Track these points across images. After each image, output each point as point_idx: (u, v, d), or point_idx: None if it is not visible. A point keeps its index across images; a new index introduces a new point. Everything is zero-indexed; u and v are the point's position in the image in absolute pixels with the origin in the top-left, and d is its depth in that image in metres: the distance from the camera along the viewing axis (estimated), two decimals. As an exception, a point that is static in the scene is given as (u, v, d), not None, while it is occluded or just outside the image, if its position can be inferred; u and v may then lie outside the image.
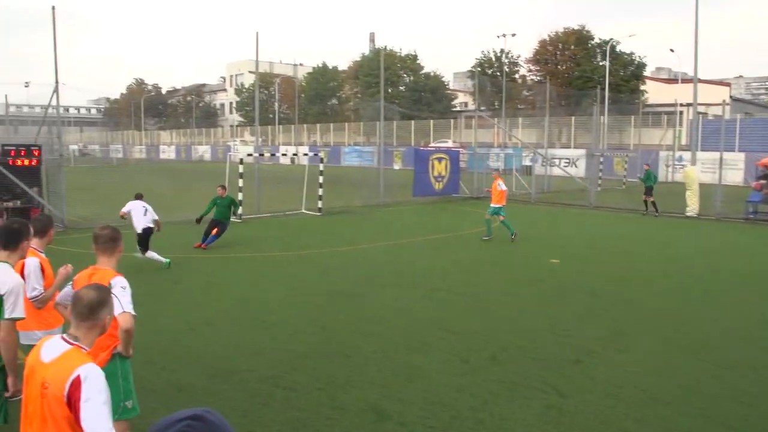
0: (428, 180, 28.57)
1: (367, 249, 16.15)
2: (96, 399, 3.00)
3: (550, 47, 65.97)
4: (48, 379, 3.09)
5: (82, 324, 3.29)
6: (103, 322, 3.37)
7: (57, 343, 3.25)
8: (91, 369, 3.08)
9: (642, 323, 9.61)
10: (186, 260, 14.63)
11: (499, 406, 6.54)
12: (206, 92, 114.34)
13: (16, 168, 18.15)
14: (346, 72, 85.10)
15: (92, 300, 3.30)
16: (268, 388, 6.97)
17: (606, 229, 20.16)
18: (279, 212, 23.11)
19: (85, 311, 3.28)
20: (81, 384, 3.00)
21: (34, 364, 3.24)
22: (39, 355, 3.23)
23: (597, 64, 62.76)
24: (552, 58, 65.97)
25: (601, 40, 63.67)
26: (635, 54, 63.14)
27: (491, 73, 67.14)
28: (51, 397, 3.06)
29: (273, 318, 9.74)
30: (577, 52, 63.52)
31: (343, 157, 65.53)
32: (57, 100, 19.84)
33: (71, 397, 3.00)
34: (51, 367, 3.13)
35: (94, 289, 3.40)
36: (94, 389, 3.01)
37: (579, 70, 62.72)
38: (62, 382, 3.03)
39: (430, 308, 10.41)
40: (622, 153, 42.77)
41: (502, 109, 51.65)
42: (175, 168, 61.23)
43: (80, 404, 2.97)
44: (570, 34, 64.47)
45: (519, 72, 71.09)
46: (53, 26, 19.27)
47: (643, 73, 64.34)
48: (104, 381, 3.09)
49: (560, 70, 64.70)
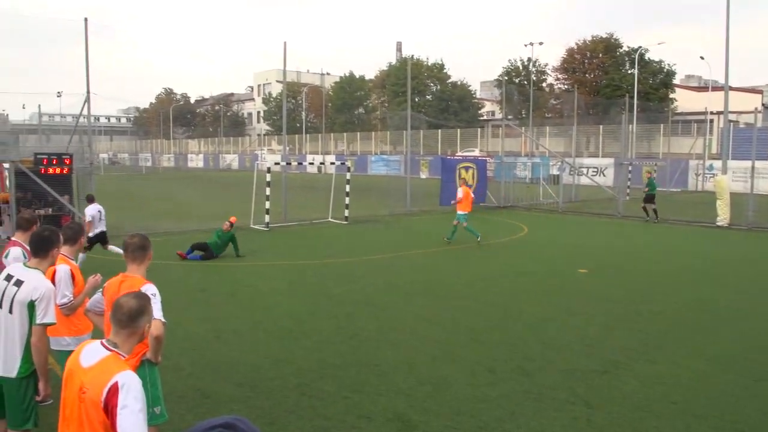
0: (455, 189, 28.45)
1: (393, 258, 16.15)
2: (133, 407, 3.03)
3: (577, 56, 65.63)
4: (86, 383, 3.14)
5: (121, 331, 3.33)
6: (142, 330, 3.41)
7: (96, 348, 3.30)
8: (129, 376, 3.13)
9: (671, 334, 9.48)
10: (213, 267, 14.75)
11: (526, 417, 6.49)
12: (234, 101, 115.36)
13: (48, 176, 18.43)
14: (373, 81, 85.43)
15: (132, 308, 3.34)
16: (295, 396, 6.99)
17: (635, 239, 19.95)
18: (306, 220, 23.21)
19: (125, 319, 3.32)
20: (119, 391, 3.04)
21: (73, 368, 3.29)
22: (78, 360, 3.28)
23: (625, 72, 62.32)
24: (580, 67, 65.60)
25: (630, 48, 63.20)
26: (665, 62, 62.63)
27: (518, 81, 66.96)
28: (89, 401, 3.10)
29: (300, 326, 9.77)
30: (606, 61, 63.10)
31: (370, 165, 65.71)
32: (88, 110, 20.14)
33: (108, 403, 3.04)
34: (90, 372, 3.18)
35: (134, 297, 3.43)
36: (131, 397, 3.05)
37: (607, 78, 62.29)
38: (100, 387, 3.08)
39: (456, 318, 10.38)
40: (651, 162, 42.33)
41: (529, 117, 51.46)
42: (203, 176, 61.82)
43: (117, 411, 3.01)
44: (598, 42, 64.08)
45: (546, 81, 70.87)
46: (86, 38, 19.60)
47: (672, 81, 63.72)
48: (141, 389, 3.13)
49: (588, 79, 64.32)
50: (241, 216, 22.34)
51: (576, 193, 32.82)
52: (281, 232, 20.82)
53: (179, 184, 47.80)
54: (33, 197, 18.74)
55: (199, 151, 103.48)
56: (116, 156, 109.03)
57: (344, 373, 7.69)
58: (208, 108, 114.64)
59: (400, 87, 70.94)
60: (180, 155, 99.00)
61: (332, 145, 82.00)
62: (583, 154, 52.62)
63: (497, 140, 56.64)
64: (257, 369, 7.82)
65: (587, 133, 57.16)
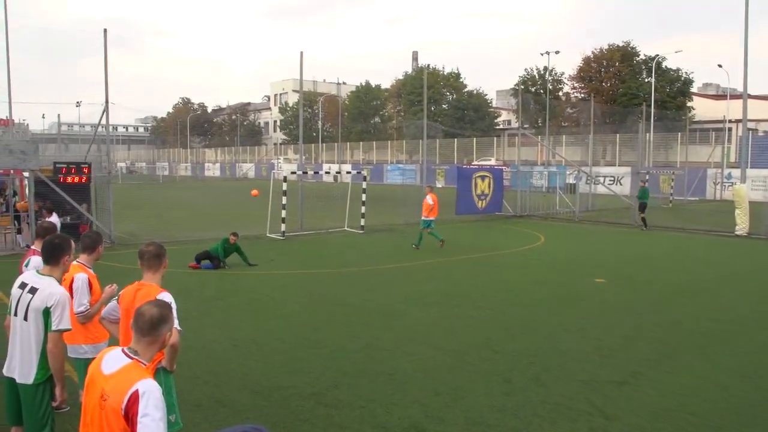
0: (471, 198, 28.49)
1: (409, 267, 16.13)
2: (153, 415, 3.06)
3: (594, 64, 65.45)
4: (107, 390, 3.17)
5: (142, 339, 3.35)
6: (163, 338, 3.42)
7: (118, 355, 3.32)
8: (150, 384, 3.15)
9: (690, 345, 9.39)
10: (228, 276, 14.80)
11: (543, 427, 6.45)
12: (251, 111, 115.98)
13: (67, 185, 18.63)
14: (389, 90, 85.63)
15: (154, 316, 3.35)
16: (311, 405, 6.98)
17: (652, 248, 19.80)
18: (322, 229, 23.25)
19: (146, 327, 3.33)
20: (139, 399, 3.06)
21: (95, 375, 3.32)
22: (100, 366, 3.31)
23: (642, 80, 62.08)
24: (596, 76, 65.42)
25: (647, 57, 62.97)
26: (682, 70, 62.35)
27: (534, 90, 66.88)
28: (109, 408, 3.13)
29: (316, 335, 9.77)
30: (622, 69, 62.88)
31: (386, 174, 65.83)
32: (107, 119, 20.32)
33: (129, 410, 3.07)
34: (111, 379, 3.21)
35: (156, 305, 3.44)
36: (151, 405, 3.07)
37: (624, 87, 62.06)
38: (121, 395, 3.10)
39: (472, 327, 10.34)
40: (668, 171, 42.08)
41: (545, 126, 51.40)
42: (220, 185, 62.14)
43: (137, 419, 3.03)
44: (615, 50, 63.89)
45: (563, 89, 70.74)
46: (104, 48, 19.79)
47: (690, 90, 63.40)
48: (162, 397, 3.15)
49: (605, 88, 64.10)
50: (257, 225, 22.46)
51: (592, 202, 32.66)
52: (297, 241, 20.87)
53: (196, 193, 48.08)
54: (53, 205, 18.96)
55: (215, 160, 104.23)
56: (134, 165, 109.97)
57: (359, 382, 7.67)
58: (225, 117, 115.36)
59: (416, 96, 71.08)
60: (197, 164, 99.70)
61: (348, 154, 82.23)
62: (600, 163, 52.35)
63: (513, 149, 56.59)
64: (273, 378, 7.83)
65: (604, 142, 56.94)
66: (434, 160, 60.75)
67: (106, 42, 19.73)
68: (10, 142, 18.11)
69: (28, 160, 17.13)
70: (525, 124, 65.04)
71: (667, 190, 38.73)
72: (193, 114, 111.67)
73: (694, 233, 23.58)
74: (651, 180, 35.28)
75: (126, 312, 4.79)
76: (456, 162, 59.57)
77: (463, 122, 70.52)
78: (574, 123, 65.51)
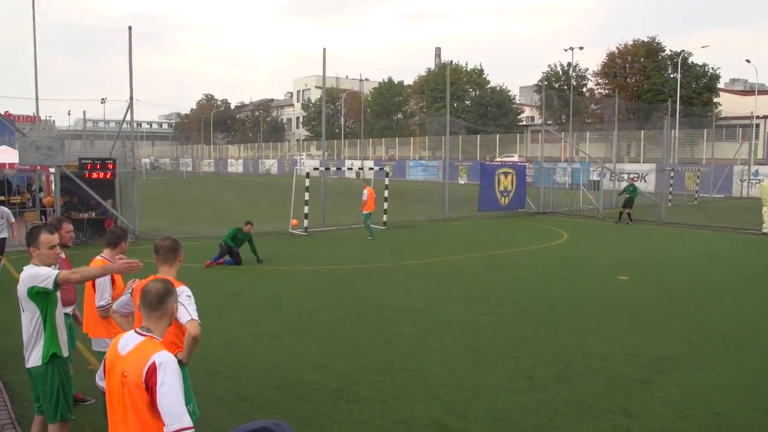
0: (494, 195, 28.38)
1: (431, 263, 16.12)
2: (170, 383, 3.26)
3: (618, 60, 64.79)
4: (126, 368, 3.35)
5: (152, 315, 3.57)
6: (171, 310, 3.66)
7: (131, 336, 3.53)
8: (165, 355, 3.34)
9: (716, 344, 9.28)
10: (250, 271, 14.87)
11: (565, 425, 6.41)
12: (273, 107, 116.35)
13: (92, 181, 18.82)
14: (411, 87, 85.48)
15: (160, 290, 3.59)
16: (332, 400, 7.01)
17: (677, 246, 19.61)
18: (344, 225, 23.30)
19: (155, 301, 3.55)
20: (157, 370, 3.26)
21: (113, 358, 3.50)
22: (116, 349, 3.50)
23: (668, 76, 61.33)
24: (621, 71, 64.75)
25: (672, 52, 62.18)
26: (708, 65, 61.46)
27: (558, 87, 66.38)
28: (131, 384, 3.31)
29: (338, 331, 9.80)
30: (647, 65, 62.16)
31: (408, 171, 65.79)
32: (131, 116, 20.49)
33: (148, 381, 3.26)
34: (128, 357, 3.40)
35: (158, 281, 3.68)
36: (168, 374, 3.27)
37: (649, 83, 61.35)
38: (140, 368, 3.29)
39: (495, 324, 10.31)
40: (693, 168, 41.62)
41: (569, 123, 51.03)
42: (243, 181, 62.47)
43: (156, 388, 3.23)
44: (640, 46, 63.16)
45: (587, 86, 70.11)
46: (129, 46, 19.95)
47: (716, 85, 62.51)
48: (178, 367, 3.35)
49: (629, 84, 63.43)
50: (279, 220, 22.56)
51: (616, 199, 32.38)
52: (319, 236, 20.92)
53: (219, 189, 48.35)
54: (78, 201, 19.18)
55: (238, 157, 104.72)
56: (158, 161, 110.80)
57: (381, 378, 7.69)
58: (248, 114, 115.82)
59: (438, 92, 70.93)
60: (220, 160, 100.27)
61: (371, 151, 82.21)
62: (624, 160, 51.93)
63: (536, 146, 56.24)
64: (295, 373, 7.86)
65: (628, 139, 56.47)
66: (457, 157, 60.60)
67: (131, 39, 19.89)
68: (37, 138, 18.35)
69: (54, 156, 17.34)
70: (548, 120, 64.56)
71: (692, 187, 38.29)
72: (216, 110, 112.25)
73: (720, 231, 23.31)
74: (676, 177, 34.94)
75: None
76: (478, 158, 59.34)
77: (485, 118, 70.26)
78: (598, 119, 64.99)
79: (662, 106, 51.33)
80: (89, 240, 18.48)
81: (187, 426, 3.26)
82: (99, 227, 18.91)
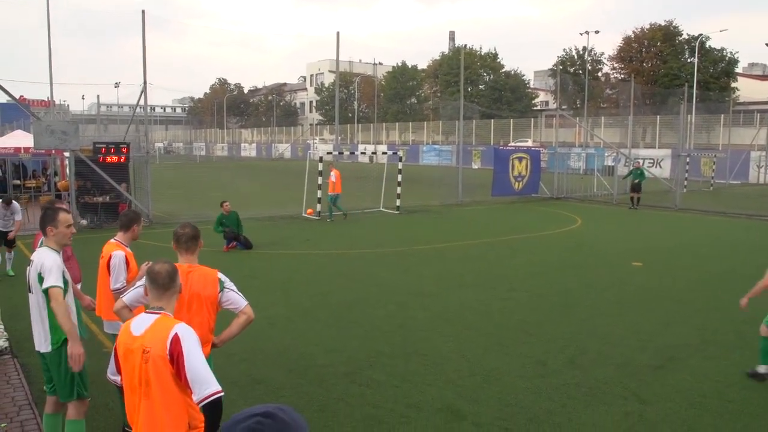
0: (508, 180, 28.28)
1: (444, 248, 16.11)
2: (195, 352, 3.39)
3: (635, 44, 64.11)
4: (147, 344, 3.41)
5: (165, 294, 3.65)
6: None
7: (144, 317, 3.59)
8: (184, 327, 3.48)
9: (730, 331, 9.23)
10: (264, 256, 14.92)
11: (577, 410, 6.42)
12: (287, 91, 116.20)
13: (106, 165, 18.91)
14: (425, 71, 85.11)
15: (169, 270, 3.69)
16: (345, 383, 7.04)
17: (692, 232, 19.49)
18: (357, 210, 23.30)
19: (167, 281, 3.66)
20: (180, 340, 3.37)
21: (127, 341, 3.53)
22: (130, 332, 3.54)
23: (685, 61, 60.66)
24: (637, 56, 64.10)
25: (690, 36, 61.44)
26: (726, 50, 60.67)
27: (573, 71, 65.89)
28: (155, 357, 3.37)
29: (351, 315, 9.83)
30: (664, 49, 61.47)
31: (422, 155, 65.63)
32: (145, 100, 20.55)
33: (173, 352, 3.35)
34: (147, 334, 3.45)
35: (165, 262, 3.77)
36: (191, 343, 3.40)
37: (665, 67, 60.71)
38: (162, 341, 3.37)
39: (508, 309, 10.30)
40: (709, 153, 41.24)
41: (584, 107, 50.72)
42: (256, 166, 62.57)
43: (183, 357, 3.33)
44: (656, 30, 62.44)
45: (602, 70, 69.52)
46: (143, 29, 19.98)
47: (734, 70, 61.75)
48: (197, 336, 3.46)
49: (645, 68, 62.81)
50: (292, 204, 22.60)
51: (621, 183, 32.19)
52: (333, 221, 20.94)
53: (232, 173, 48.46)
54: (93, 185, 19.28)
55: (251, 141, 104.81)
56: (171, 145, 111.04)
57: (394, 362, 7.71)
58: (261, 98, 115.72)
59: (452, 77, 70.55)
60: (233, 144, 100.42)
61: (384, 135, 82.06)
62: (639, 145, 51.56)
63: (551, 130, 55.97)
64: (308, 356, 7.90)
65: (643, 124, 55.99)
66: (470, 142, 60.35)
67: (144, 23, 19.92)
68: (52, 122, 18.44)
69: (68, 140, 17.42)
70: (563, 105, 64.28)
71: (708, 174, 37.96)
72: (229, 95, 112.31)
73: (736, 217, 23.13)
74: (692, 163, 34.65)
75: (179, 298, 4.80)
76: (492, 143, 59.08)
77: (500, 103, 69.83)
78: (614, 104, 64.48)
79: (678, 90, 50.87)
80: (103, 224, 18.61)
81: (217, 390, 3.36)
82: (113, 211, 19.03)
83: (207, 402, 3.36)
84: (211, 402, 3.37)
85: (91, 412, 5.89)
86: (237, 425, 1.74)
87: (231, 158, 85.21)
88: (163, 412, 3.39)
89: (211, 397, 3.35)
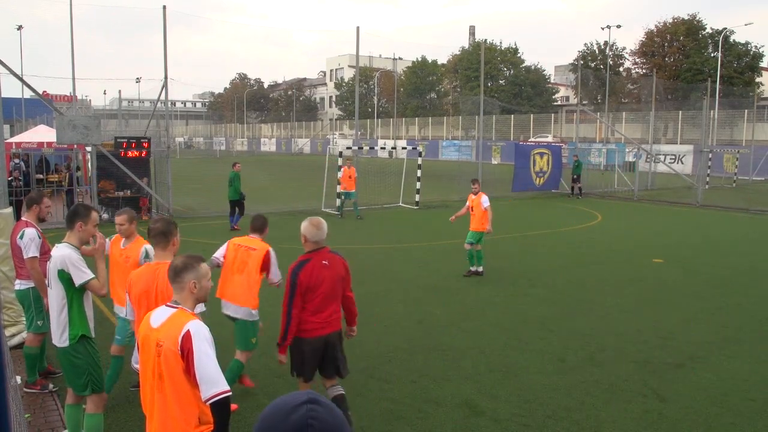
0: (529, 175, 28.19)
1: (464, 244, 16.04)
2: (205, 350, 3.40)
3: (657, 39, 63.44)
4: (161, 338, 3.47)
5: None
6: (190, 285, 3.66)
7: (163, 310, 3.65)
8: (198, 324, 3.48)
9: (752, 329, 9.15)
10: (283, 251, 14.97)
11: (596, 407, 6.39)
12: (307, 86, 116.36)
13: (128, 159, 19.06)
14: (445, 66, 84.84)
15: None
16: (363, 378, 7.06)
17: (713, 229, 19.31)
18: (376, 205, 23.32)
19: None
20: (192, 337, 3.40)
21: (146, 332, 3.61)
22: (149, 324, 3.61)
23: (708, 55, 59.91)
24: (659, 50, 63.43)
25: (714, 30, 60.66)
26: (751, 44, 59.82)
27: (594, 66, 65.36)
28: (167, 351, 3.43)
29: (370, 310, 9.84)
30: (687, 44, 60.77)
31: (441, 151, 65.46)
32: (166, 95, 20.68)
33: (184, 348, 3.39)
34: (162, 328, 3.51)
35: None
36: (202, 341, 3.42)
37: (688, 62, 60.00)
38: (175, 337, 3.42)
39: (527, 305, 10.28)
40: (732, 149, 40.77)
41: (605, 103, 50.32)
42: (276, 160, 62.75)
43: (193, 354, 3.36)
44: (679, 24, 61.72)
45: (623, 65, 68.89)
46: (164, 25, 20.09)
47: (759, 65, 60.90)
48: (210, 335, 3.47)
49: (668, 63, 62.14)
50: (312, 200, 22.65)
51: (652, 180, 31.95)
52: (352, 216, 20.96)
53: (252, 168, 48.61)
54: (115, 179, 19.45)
55: (271, 136, 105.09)
56: (191, 140, 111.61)
57: (412, 358, 7.72)
58: (281, 93, 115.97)
59: (472, 72, 70.27)
60: (253, 139, 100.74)
61: (404, 130, 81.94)
62: (661, 141, 51.06)
63: (571, 126, 55.61)
64: (327, 351, 7.91)
65: (665, 119, 55.43)
66: (490, 137, 60.09)
67: (165, 18, 20.02)
68: (74, 117, 18.62)
69: (90, 135, 17.58)
70: (584, 100, 63.82)
71: (731, 170, 37.53)
72: (249, 90, 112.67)
73: (759, 214, 22.87)
74: (714, 159, 34.27)
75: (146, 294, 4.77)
76: (512, 139, 58.81)
77: (520, 98, 69.49)
78: (635, 99, 63.89)
79: (701, 86, 50.31)
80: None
81: (224, 390, 3.38)
82: (134, 205, 19.17)
83: (213, 401, 3.38)
84: (217, 402, 3.39)
85: (111, 404, 5.98)
86: (288, 417, 1.48)
87: (251, 153, 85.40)
88: (175, 405, 3.44)
89: (218, 397, 3.36)
